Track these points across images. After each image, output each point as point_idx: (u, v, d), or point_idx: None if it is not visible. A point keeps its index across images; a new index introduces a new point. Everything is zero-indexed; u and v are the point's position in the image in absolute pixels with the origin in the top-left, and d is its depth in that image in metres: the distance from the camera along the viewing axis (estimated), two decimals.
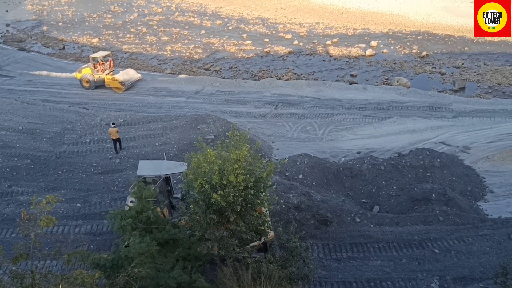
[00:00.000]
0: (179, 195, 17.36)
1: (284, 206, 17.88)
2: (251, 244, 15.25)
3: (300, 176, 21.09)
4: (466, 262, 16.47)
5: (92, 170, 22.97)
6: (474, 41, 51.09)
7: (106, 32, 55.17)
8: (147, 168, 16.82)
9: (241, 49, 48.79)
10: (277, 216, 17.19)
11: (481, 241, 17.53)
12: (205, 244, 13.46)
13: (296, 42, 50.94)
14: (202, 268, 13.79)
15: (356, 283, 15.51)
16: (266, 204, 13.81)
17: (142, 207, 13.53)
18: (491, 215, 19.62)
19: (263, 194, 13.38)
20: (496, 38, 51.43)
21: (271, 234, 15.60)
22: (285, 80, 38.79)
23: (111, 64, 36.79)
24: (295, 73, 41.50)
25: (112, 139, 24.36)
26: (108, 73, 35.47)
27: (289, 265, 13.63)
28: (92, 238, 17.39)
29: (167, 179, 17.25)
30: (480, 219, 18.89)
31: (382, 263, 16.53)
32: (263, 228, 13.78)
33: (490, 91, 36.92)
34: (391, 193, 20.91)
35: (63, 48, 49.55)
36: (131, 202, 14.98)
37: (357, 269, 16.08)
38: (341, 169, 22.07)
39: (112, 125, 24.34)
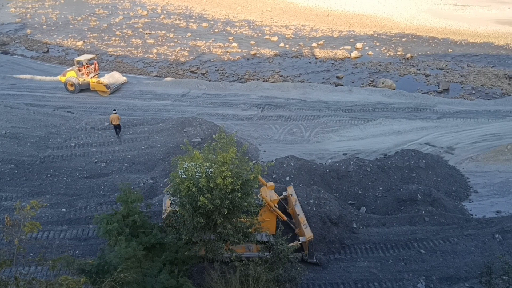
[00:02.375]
0: None
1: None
2: (290, 244, 15.66)
3: (287, 178, 21.12)
4: (451, 262, 16.64)
5: (77, 174, 22.72)
6: (458, 43, 51.84)
7: (91, 35, 54.73)
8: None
9: (227, 52, 48.78)
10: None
11: (466, 241, 17.72)
12: (192, 248, 13.41)
13: (282, 44, 51.09)
14: (189, 271, 13.74)
15: (344, 284, 15.57)
16: (253, 207, 13.78)
17: (129, 211, 13.45)
18: (476, 215, 19.87)
19: (250, 197, 13.36)
20: (479, 40, 52.26)
21: (310, 235, 15.87)
22: (272, 82, 38.87)
23: (96, 67, 36.49)
24: (282, 75, 41.61)
25: (113, 124, 25.95)
26: (93, 76, 35.16)
27: (276, 268, 13.62)
28: (77, 243, 17.18)
29: None
30: (465, 219, 19.11)
31: (369, 264, 16.62)
32: (250, 230, 13.75)
33: (473, 92, 37.46)
34: (377, 194, 21.04)
35: (47, 51, 49.00)
36: (171, 201, 14.43)
37: (344, 271, 16.14)
38: (327, 170, 22.16)
39: (114, 112, 26.22)
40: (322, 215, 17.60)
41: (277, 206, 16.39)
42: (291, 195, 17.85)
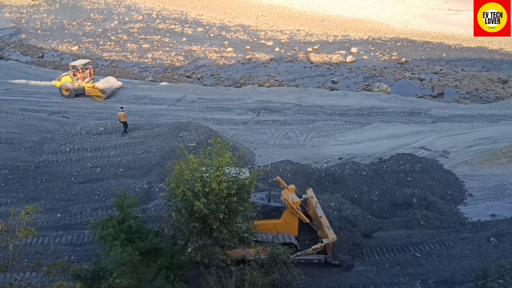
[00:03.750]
0: None
1: None
2: (313, 247, 16.01)
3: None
4: (447, 265, 16.64)
5: (73, 179, 22.64)
6: (452, 47, 52.15)
7: (86, 40, 54.69)
8: None
9: (223, 56, 48.86)
10: None
11: (461, 244, 17.73)
12: (188, 253, 13.38)
13: (277, 49, 51.23)
14: (185, 277, 13.69)
15: None
16: (249, 211, 13.75)
17: (124, 216, 13.40)
18: (471, 219, 19.88)
19: (247, 201, 13.36)
20: (473, 44, 52.59)
21: (333, 236, 15.89)
22: (267, 87, 38.93)
23: (91, 72, 36.47)
24: (277, 80, 41.69)
25: (121, 121, 27.03)
26: (88, 81, 35.14)
27: (272, 272, 13.59)
28: (72, 248, 17.09)
29: None
30: (460, 223, 19.13)
31: (365, 268, 16.59)
32: (246, 235, 13.73)
33: (467, 96, 37.67)
34: (373, 198, 21.06)
35: (42, 56, 48.93)
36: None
37: (340, 275, 16.11)
38: (323, 175, 22.16)
39: (121, 109, 27.41)
40: (343, 219, 17.72)
41: (299, 208, 16.54)
42: (311, 197, 17.89)
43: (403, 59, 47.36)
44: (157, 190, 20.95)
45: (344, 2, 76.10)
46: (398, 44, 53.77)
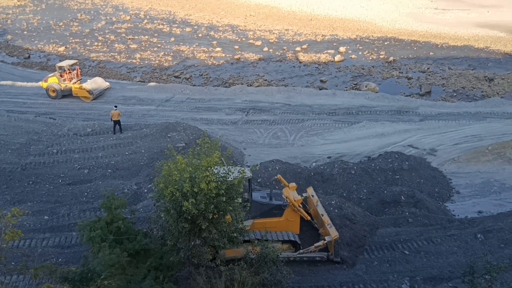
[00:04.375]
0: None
1: None
2: (315, 244, 16.23)
3: (272, 182, 21.15)
4: (435, 262, 16.80)
5: (60, 181, 22.45)
6: (439, 46, 52.63)
7: (73, 41, 54.25)
8: None
9: (211, 56, 48.78)
10: None
11: (449, 241, 17.91)
12: (178, 253, 13.33)
13: (266, 48, 51.26)
14: (175, 277, 13.64)
15: (329, 287, 15.60)
16: (239, 210, 13.76)
17: (112, 217, 13.31)
18: (458, 216, 20.10)
19: (236, 200, 13.36)
20: (459, 43, 53.11)
21: (335, 234, 15.99)
22: (256, 86, 38.94)
23: (78, 72, 36.18)
24: (266, 80, 41.72)
25: (113, 120, 26.98)
26: (75, 82, 34.85)
27: (262, 271, 13.60)
28: (60, 251, 16.95)
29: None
30: (447, 220, 19.33)
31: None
32: (235, 235, 13.72)
33: (454, 94, 38.03)
34: (361, 196, 21.18)
35: (29, 57, 48.42)
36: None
37: (329, 273, 16.18)
38: (312, 174, 22.24)
39: (115, 108, 27.41)
40: (343, 218, 17.85)
41: (301, 206, 16.67)
42: (312, 196, 17.99)
43: (391, 58, 47.67)
44: (145, 191, 20.87)
45: (332, 2, 76.46)
46: (386, 43, 54.11)
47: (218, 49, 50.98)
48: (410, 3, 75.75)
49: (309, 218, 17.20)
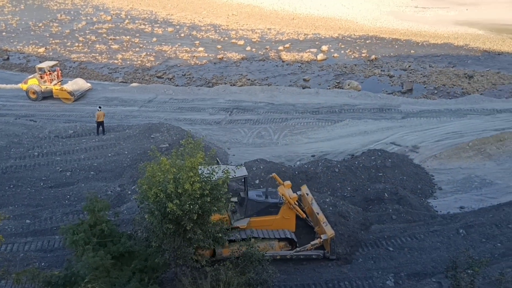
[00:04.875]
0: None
1: None
2: (312, 242, 16.33)
3: (257, 181, 21.16)
4: (418, 258, 16.99)
5: (42, 184, 22.12)
6: (419, 44, 53.25)
7: (53, 41, 53.52)
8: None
9: (194, 56, 48.59)
10: None
11: (432, 237, 18.14)
12: (163, 255, 13.25)
13: (248, 48, 51.26)
14: (160, 279, 13.56)
15: (315, 285, 15.66)
16: (223, 211, 13.73)
17: (96, 220, 13.16)
18: (441, 211, 20.36)
19: (221, 201, 13.32)
20: (439, 41, 53.83)
21: (331, 232, 16.11)
22: (239, 86, 38.91)
23: (59, 74, 35.71)
24: (249, 79, 41.72)
25: (97, 121, 26.80)
26: (56, 84, 34.40)
27: (247, 271, 13.60)
28: (43, 255, 16.69)
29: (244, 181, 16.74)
30: (430, 216, 19.56)
31: (339, 263, 16.79)
32: (220, 235, 13.70)
33: (435, 92, 38.53)
34: (345, 194, 21.32)
35: (8, 58, 47.62)
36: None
37: (315, 271, 16.25)
38: (296, 172, 22.30)
39: (99, 109, 27.24)
40: (338, 215, 17.96)
41: (296, 203, 16.74)
42: (307, 194, 18.04)
43: (373, 56, 48.07)
44: (129, 192, 20.69)
45: (314, 1, 76.83)
46: (367, 41, 54.55)
47: (201, 48, 50.81)
48: (391, 2, 76.53)
49: (304, 215, 17.35)
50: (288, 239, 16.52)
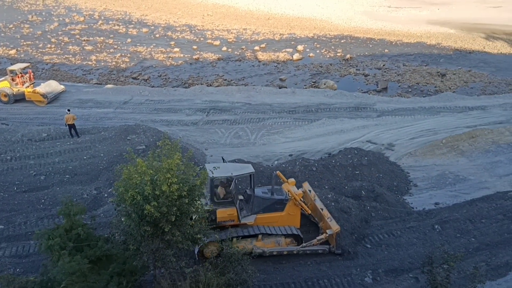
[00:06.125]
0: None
1: None
2: (317, 238, 16.82)
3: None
4: (396, 254, 17.27)
5: (15, 188, 21.63)
6: (393, 43, 54.05)
7: (25, 43, 52.38)
8: (217, 171, 15.99)
9: (170, 57, 48.24)
10: None
11: (408, 233, 18.47)
12: (141, 257, 13.12)
13: (224, 48, 51.17)
14: (139, 282, 13.42)
15: (295, 283, 15.76)
16: (200, 212, 13.66)
17: (71, 224, 12.94)
18: (416, 208, 20.73)
19: (198, 202, 13.28)
20: (412, 40, 54.73)
21: (337, 227, 16.50)
22: (216, 86, 38.79)
23: (31, 76, 34.98)
24: (225, 79, 41.64)
25: (68, 124, 26.22)
26: (28, 86, 33.69)
27: (227, 272, 13.59)
28: (18, 260, 16.34)
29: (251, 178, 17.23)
30: (406, 212, 19.91)
31: (318, 260, 16.93)
32: (199, 236, 13.64)
33: (409, 90, 39.17)
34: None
35: None
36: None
37: (294, 270, 16.34)
38: (274, 172, 22.34)
39: (68, 111, 26.71)
40: (340, 211, 18.28)
41: (302, 200, 17.08)
42: (309, 191, 18.34)
43: (348, 56, 48.57)
44: (106, 195, 20.42)
45: (289, 1, 77.16)
46: (342, 41, 55.09)
47: (176, 49, 50.48)
48: (365, 2, 77.47)
49: (309, 211, 17.76)
50: (294, 235, 16.95)
